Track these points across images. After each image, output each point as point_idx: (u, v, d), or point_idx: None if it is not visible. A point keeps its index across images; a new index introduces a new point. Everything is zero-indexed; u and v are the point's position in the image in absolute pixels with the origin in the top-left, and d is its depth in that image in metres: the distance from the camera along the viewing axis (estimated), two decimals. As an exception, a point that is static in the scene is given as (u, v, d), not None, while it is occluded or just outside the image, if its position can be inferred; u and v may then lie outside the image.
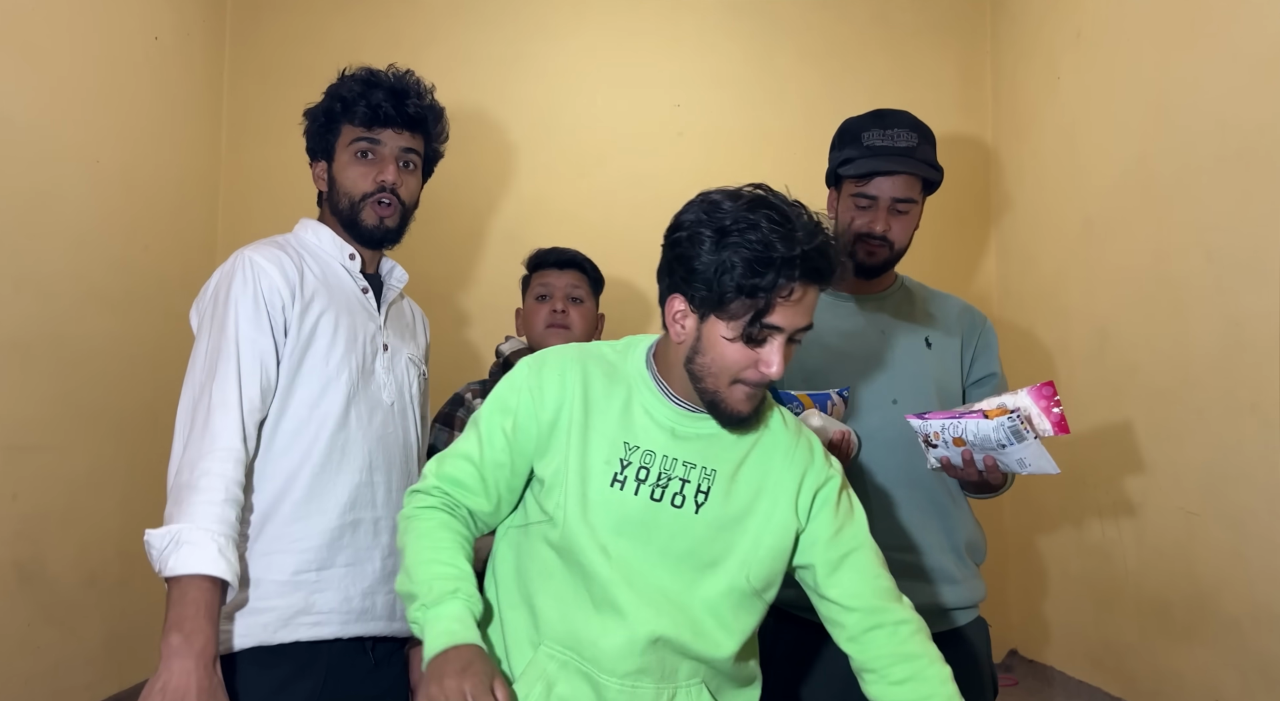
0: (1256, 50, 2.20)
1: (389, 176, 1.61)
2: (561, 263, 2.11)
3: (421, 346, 1.79)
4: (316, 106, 1.66)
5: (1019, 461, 1.52)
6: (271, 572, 1.44)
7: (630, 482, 1.23)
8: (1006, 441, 1.47)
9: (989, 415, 1.49)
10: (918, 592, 1.69)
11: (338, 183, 1.63)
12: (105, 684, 2.77)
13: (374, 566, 1.53)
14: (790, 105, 3.44)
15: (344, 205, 1.63)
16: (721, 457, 1.27)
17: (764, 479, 1.29)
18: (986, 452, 1.53)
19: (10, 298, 2.42)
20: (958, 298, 1.93)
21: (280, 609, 1.43)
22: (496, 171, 3.39)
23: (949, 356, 1.82)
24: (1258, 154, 2.19)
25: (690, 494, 1.24)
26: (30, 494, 2.48)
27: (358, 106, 1.59)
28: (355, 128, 1.61)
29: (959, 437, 1.53)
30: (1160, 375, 2.55)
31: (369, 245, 1.66)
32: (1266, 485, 2.16)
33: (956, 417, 1.54)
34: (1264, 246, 2.17)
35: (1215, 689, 2.34)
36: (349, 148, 1.61)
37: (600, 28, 3.47)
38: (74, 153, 2.68)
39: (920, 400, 1.75)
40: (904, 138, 1.75)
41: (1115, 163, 2.76)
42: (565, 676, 1.21)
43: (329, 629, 1.47)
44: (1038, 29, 3.23)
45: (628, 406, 1.27)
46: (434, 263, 3.45)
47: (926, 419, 1.59)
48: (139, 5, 2.97)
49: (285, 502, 1.46)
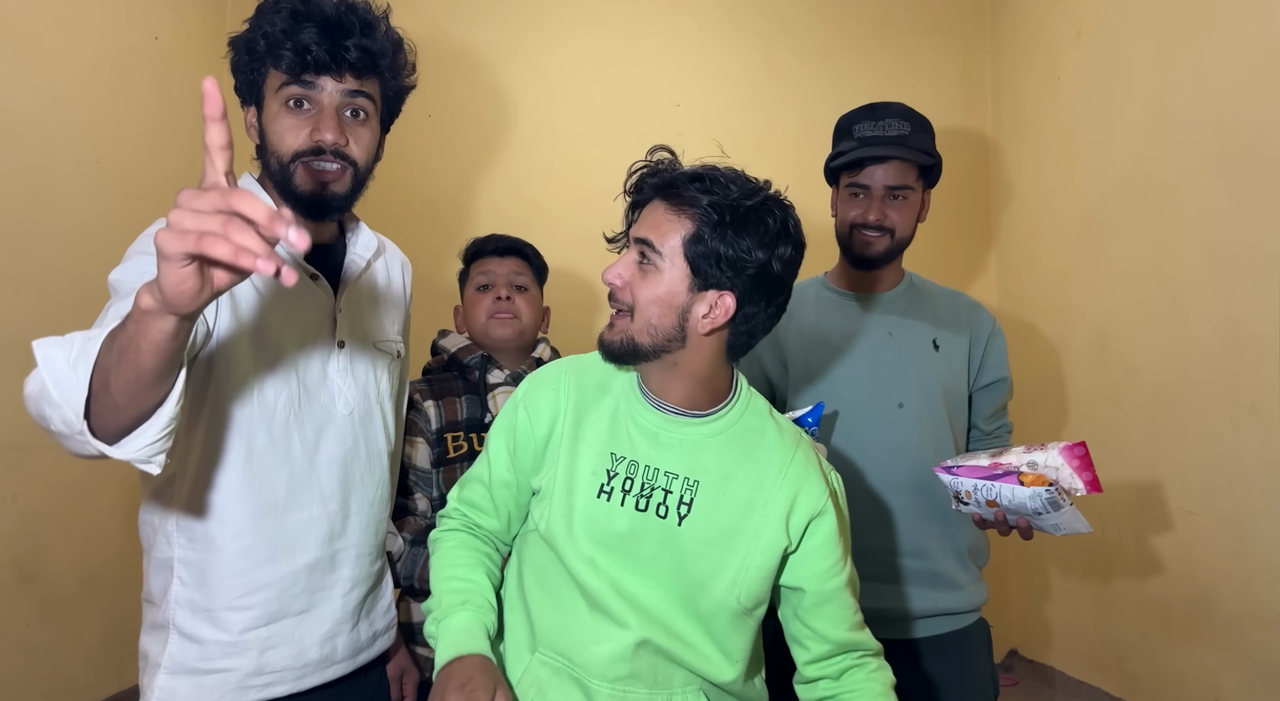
0: (1256, 50, 2.20)
1: (329, 135, 1.25)
2: (501, 250, 1.94)
3: (399, 320, 1.52)
4: (238, 36, 1.30)
5: (1054, 526, 1.50)
6: (216, 631, 1.25)
7: (617, 493, 1.20)
8: (1043, 510, 1.46)
9: (1024, 481, 1.46)
10: (920, 598, 1.69)
11: (266, 136, 1.28)
12: (105, 684, 2.77)
13: (332, 608, 1.33)
14: (790, 105, 3.44)
15: (274, 166, 1.28)
16: (706, 467, 1.21)
17: (754, 494, 1.21)
18: (1021, 516, 1.51)
19: (10, 298, 2.42)
20: (966, 295, 1.90)
21: (229, 672, 1.25)
22: (496, 171, 3.39)
23: (956, 359, 1.79)
24: (1258, 154, 2.19)
25: (673, 505, 1.19)
26: (30, 494, 2.48)
27: (283, 49, 1.23)
28: (281, 73, 1.25)
29: (992, 500, 1.52)
30: (1160, 375, 2.55)
31: (308, 215, 1.29)
32: (1266, 485, 2.16)
33: (990, 479, 1.50)
34: (1264, 246, 2.17)
35: (1215, 689, 2.34)
36: (278, 95, 1.26)
37: (600, 27, 3.47)
38: (74, 153, 2.68)
39: (926, 404, 1.73)
40: (895, 127, 1.74)
41: (1115, 163, 2.76)
42: (557, 682, 1.21)
43: (282, 688, 1.29)
44: (1038, 29, 3.23)
45: (615, 416, 1.24)
46: (433, 263, 3.45)
47: (957, 476, 1.55)
48: (139, 5, 2.97)
49: (224, 554, 1.25)
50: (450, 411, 1.83)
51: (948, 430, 1.75)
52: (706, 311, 1.16)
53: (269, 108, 1.28)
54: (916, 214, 1.78)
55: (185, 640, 1.25)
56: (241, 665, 1.26)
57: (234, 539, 1.26)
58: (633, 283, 1.18)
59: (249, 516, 1.26)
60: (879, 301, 1.82)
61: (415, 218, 3.31)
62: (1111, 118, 2.78)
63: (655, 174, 1.23)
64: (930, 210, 1.84)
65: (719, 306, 1.16)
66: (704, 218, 1.14)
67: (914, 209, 1.77)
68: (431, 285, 3.50)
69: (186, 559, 1.26)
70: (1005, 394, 1.84)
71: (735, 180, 1.18)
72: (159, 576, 1.29)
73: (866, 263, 1.78)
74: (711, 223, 1.14)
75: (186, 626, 1.26)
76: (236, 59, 1.31)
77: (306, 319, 1.32)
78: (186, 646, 1.25)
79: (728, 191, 1.15)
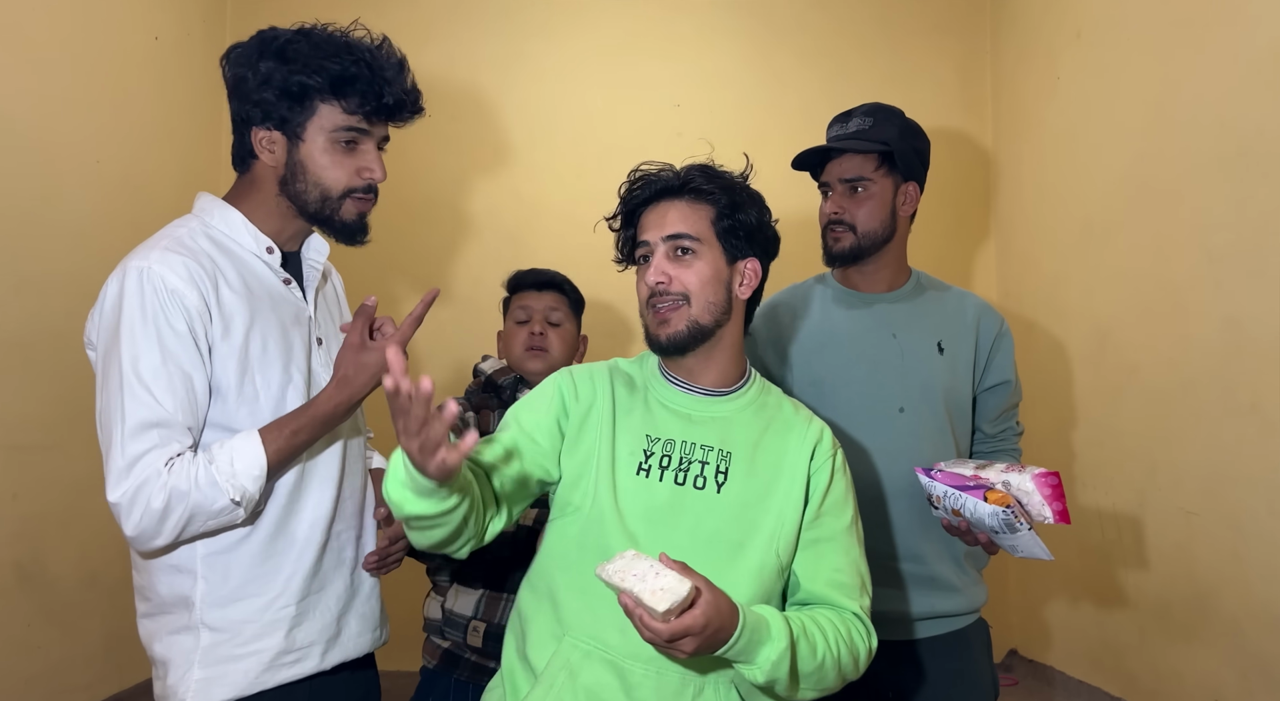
0: (1256, 50, 2.20)
1: (379, 174, 1.40)
2: (539, 284, 2.07)
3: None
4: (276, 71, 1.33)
5: (1011, 547, 1.54)
6: (246, 614, 1.33)
7: (655, 470, 1.29)
8: (1000, 530, 1.49)
9: (988, 498, 1.49)
10: (918, 602, 1.69)
11: (307, 170, 1.36)
12: (105, 684, 2.78)
13: (341, 586, 1.44)
14: (789, 105, 3.44)
15: (313, 197, 1.37)
16: (737, 439, 1.32)
17: (781, 458, 1.33)
18: (980, 529, 1.54)
19: (11, 298, 2.42)
20: (974, 295, 1.87)
21: (260, 653, 1.34)
22: (496, 172, 3.39)
23: (961, 362, 1.76)
24: (1258, 154, 2.19)
25: (710, 475, 1.29)
26: (30, 494, 2.48)
27: (352, 90, 1.33)
28: (345, 115, 1.35)
29: (957, 510, 1.54)
30: (1160, 375, 2.55)
31: (342, 240, 1.43)
32: (1266, 485, 2.17)
33: (960, 488, 1.52)
34: (1264, 246, 2.17)
35: (1215, 689, 2.34)
36: (331, 134, 1.35)
37: (600, 28, 3.48)
38: (74, 153, 2.68)
39: (928, 408, 1.72)
40: (857, 123, 1.74)
41: (1115, 163, 2.76)
42: (589, 665, 1.22)
43: (310, 663, 1.38)
44: (1038, 29, 3.23)
45: (647, 405, 1.35)
46: (434, 264, 3.45)
47: (934, 478, 1.58)
48: (139, 5, 2.97)
49: (251, 540, 1.34)
50: (484, 423, 1.96)
51: (949, 435, 1.73)
52: (741, 280, 1.36)
53: (313, 141, 1.36)
54: (885, 207, 1.73)
55: (217, 632, 1.33)
56: (272, 644, 1.34)
57: (260, 528, 1.35)
58: (679, 275, 1.32)
59: (274, 506, 1.35)
60: (884, 301, 1.79)
61: (415, 218, 3.31)
62: (1111, 118, 2.79)
63: (658, 179, 1.39)
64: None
65: (748, 271, 1.36)
66: (720, 201, 1.34)
67: (878, 201, 1.73)
68: (430, 285, 3.51)
69: (210, 555, 1.33)
70: (1009, 396, 1.82)
71: (720, 169, 1.39)
72: (176, 580, 1.34)
73: (836, 258, 1.77)
74: (727, 204, 1.34)
75: (216, 620, 1.33)
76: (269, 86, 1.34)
77: (292, 321, 1.42)
78: (219, 636, 1.32)
79: (724, 178, 1.37)
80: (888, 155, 1.72)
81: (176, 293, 1.27)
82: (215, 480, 1.24)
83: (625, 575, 1.08)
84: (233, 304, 1.33)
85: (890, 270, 1.80)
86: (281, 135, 1.36)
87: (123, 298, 1.28)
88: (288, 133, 1.36)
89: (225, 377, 1.32)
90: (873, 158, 1.72)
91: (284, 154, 1.37)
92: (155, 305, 1.26)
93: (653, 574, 1.08)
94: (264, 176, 1.39)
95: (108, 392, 1.27)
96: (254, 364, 1.34)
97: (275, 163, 1.38)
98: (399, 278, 3.30)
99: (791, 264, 3.08)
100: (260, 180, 1.40)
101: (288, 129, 1.36)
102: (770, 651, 1.13)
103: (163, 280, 1.27)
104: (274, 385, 1.36)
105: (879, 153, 1.71)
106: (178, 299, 1.27)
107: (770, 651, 1.13)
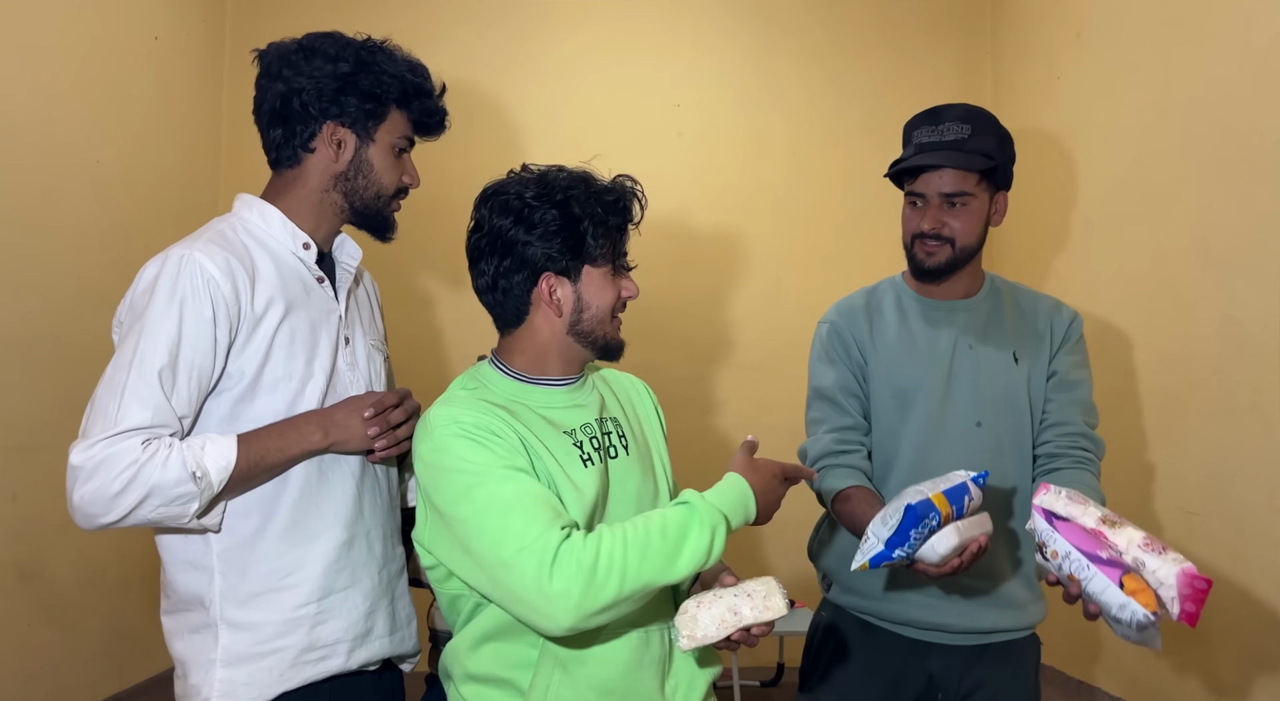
0: (1256, 50, 2.20)
1: (417, 181, 1.56)
2: None
3: (380, 330, 1.64)
4: (362, 72, 1.44)
5: (1124, 634, 1.33)
6: (267, 614, 1.33)
7: (593, 456, 1.30)
8: (1128, 624, 1.28)
9: (1126, 586, 1.28)
10: (982, 617, 1.65)
11: (373, 169, 1.47)
12: (105, 684, 2.78)
13: (371, 583, 1.43)
14: (789, 105, 3.44)
15: (369, 195, 1.48)
16: (609, 407, 1.39)
17: (635, 410, 1.44)
18: (1094, 603, 1.33)
19: (11, 298, 2.42)
20: (1048, 296, 1.79)
21: (283, 650, 1.34)
22: (498, 172, 3.38)
23: (1037, 371, 1.69)
24: (1258, 154, 2.19)
25: (618, 443, 1.35)
26: (30, 494, 2.48)
27: (415, 105, 1.49)
28: (406, 123, 1.50)
29: (1075, 578, 1.32)
30: (1160, 375, 2.55)
31: (378, 236, 1.55)
32: (1266, 485, 2.17)
33: (1089, 557, 1.32)
34: (1264, 246, 2.17)
35: (1215, 688, 2.34)
36: (394, 140, 1.49)
37: (600, 28, 3.48)
38: (74, 153, 2.68)
39: (1006, 422, 1.66)
40: (954, 131, 1.65)
41: (1115, 163, 2.76)
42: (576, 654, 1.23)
43: (335, 662, 1.37)
44: (1038, 29, 3.23)
45: (534, 413, 1.29)
46: (434, 264, 3.45)
47: (1055, 529, 1.36)
48: (139, 5, 2.97)
49: (267, 536, 1.35)
50: None
51: (1029, 449, 1.68)
52: None
53: (379, 143, 1.47)
54: (982, 220, 1.68)
55: (237, 630, 1.32)
56: (295, 642, 1.34)
57: (275, 523, 1.35)
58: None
59: (289, 500, 1.36)
60: (960, 309, 1.72)
61: (417, 219, 3.29)
62: (1111, 118, 2.79)
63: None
64: None
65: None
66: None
67: (976, 215, 1.66)
68: (431, 286, 3.51)
69: (227, 551, 1.33)
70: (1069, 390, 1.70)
71: None
72: (193, 577, 1.34)
73: (927, 274, 1.69)
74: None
75: (236, 617, 1.32)
76: (351, 85, 1.44)
77: (322, 318, 1.45)
78: (240, 635, 1.32)
79: None
80: (988, 169, 1.64)
81: (211, 280, 1.30)
82: (183, 458, 1.23)
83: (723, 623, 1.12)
84: (267, 298, 1.36)
85: (968, 277, 1.73)
86: (353, 133, 1.45)
87: (158, 279, 1.31)
88: (359, 132, 1.45)
89: (248, 367, 1.34)
90: (973, 172, 1.63)
91: (351, 152, 1.46)
92: (187, 288, 1.29)
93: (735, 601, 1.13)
94: (315, 171, 1.45)
95: (118, 364, 1.28)
96: (279, 355, 1.36)
97: (339, 159, 1.45)
98: (399, 278, 3.30)
99: (795, 262, 3.10)
100: (308, 174, 1.45)
101: (359, 128, 1.45)
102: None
103: (200, 267, 1.30)
104: (295, 378, 1.38)
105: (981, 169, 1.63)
106: (212, 286, 1.30)
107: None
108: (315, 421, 1.36)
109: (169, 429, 1.27)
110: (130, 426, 1.23)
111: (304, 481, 1.37)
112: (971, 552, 1.42)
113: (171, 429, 1.27)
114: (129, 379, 1.26)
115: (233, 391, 1.34)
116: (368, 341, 1.54)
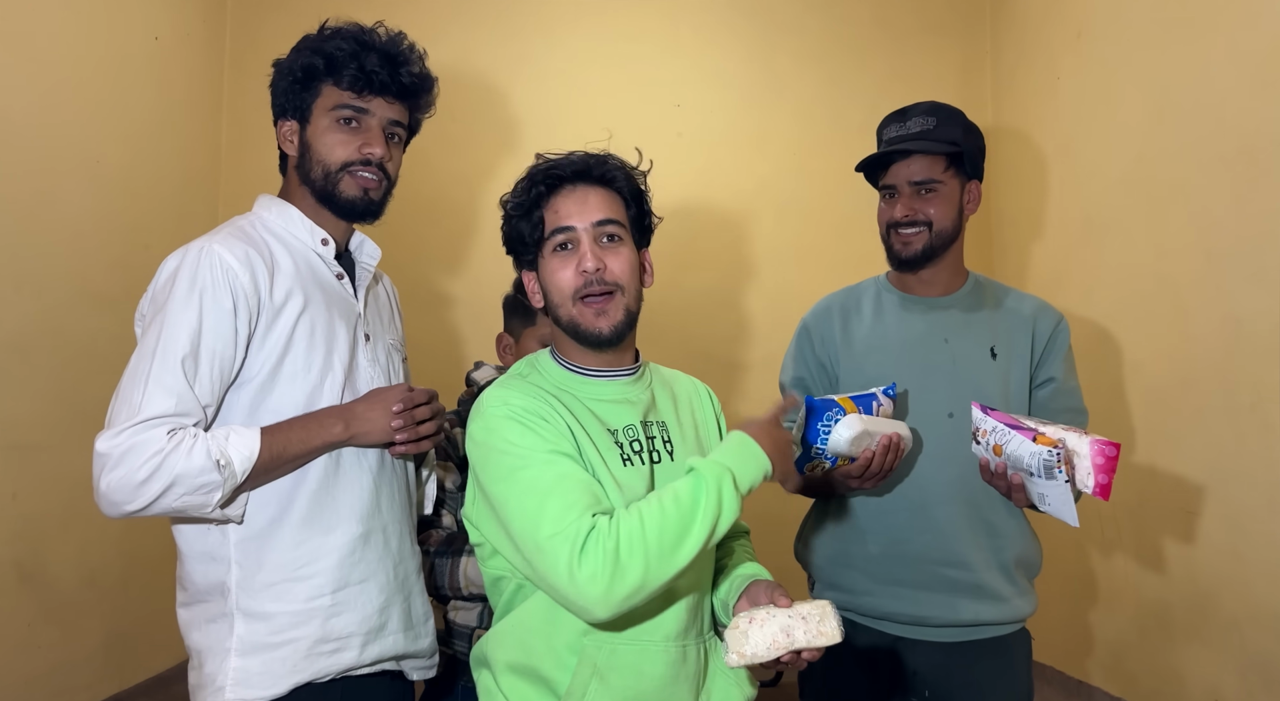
0: (1256, 50, 2.20)
1: (377, 150, 1.44)
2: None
3: (399, 331, 1.66)
4: (290, 60, 1.46)
5: (1039, 496, 1.47)
6: (282, 604, 1.35)
7: (633, 458, 1.30)
8: (1036, 472, 1.43)
9: (1038, 439, 1.43)
10: (962, 609, 1.66)
11: (312, 149, 1.45)
12: (105, 684, 2.77)
13: (386, 578, 1.44)
14: (790, 105, 3.44)
15: (318, 174, 1.44)
16: (662, 409, 1.38)
17: (692, 415, 1.43)
18: (1016, 472, 1.48)
19: (10, 297, 2.42)
20: (1035, 297, 1.83)
21: (297, 641, 1.34)
22: (497, 172, 3.39)
23: (1016, 368, 1.73)
24: (1258, 154, 2.19)
25: (661, 448, 1.34)
26: (30, 494, 2.48)
27: (346, 68, 1.41)
28: (341, 92, 1.43)
29: (999, 446, 1.48)
30: (1160, 375, 2.55)
31: (347, 218, 1.49)
32: (1266, 485, 2.17)
33: (1011, 426, 1.48)
34: (1264, 246, 2.17)
35: (1215, 689, 2.34)
36: (331, 112, 1.44)
37: (601, 28, 3.48)
38: (74, 153, 2.68)
39: None
40: (919, 123, 1.71)
41: (1115, 163, 2.76)
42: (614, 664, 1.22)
43: (349, 655, 1.38)
44: (1038, 29, 3.23)
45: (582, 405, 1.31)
46: (435, 265, 3.45)
47: (987, 414, 1.54)
48: (139, 5, 2.97)
49: (284, 527, 1.36)
50: None
51: None
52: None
53: (317, 122, 1.45)
54: (955, 206, 1.73)
55: (252, 619, 1.34)
56: (309, 633, 1.35)
57: (292, 514, 1.37)
58: (614, 264, 1.36)
59: (306, 491, 1.37)
60: (938, 306, 1.77)
61: (418, 219, 3.31)
62: (1111, 118, 2.79)
63: (569, 163, 1.52)
64: None
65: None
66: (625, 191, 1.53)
67: (949, 201, 1.72)
68: (434, 286, 3.50)
69: (244, 541, 1.35)
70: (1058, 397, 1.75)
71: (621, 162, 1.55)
72: (210, 568, 1.36)
73: (906, 263, 1.73)
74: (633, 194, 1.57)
75: (251, 607, 1.34)
76: (283, 77, 1.46)
77: (341, 314, 1.46)
78: (255, 625, 1.34)
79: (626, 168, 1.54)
80: (955, 156, 1.70)
81: (231, 271, 1.32)
82: (207, 447, 1.25)
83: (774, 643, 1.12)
84: (286, 290, 1.38)
85: (948, 273, 1.77)
86: (295, 122, 1.47)
87: (179, 271, 1.33)
88: (300, 118, 1.46)
89: (267, 360, 1.35)
90: (941, 159, 1.69)
91: (298, 139, 1.47)
92: (207, 280, 1.31)
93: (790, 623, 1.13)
94: (290, 171, 1.49)
95: (141, 354, 1.30)
96: (299, 346, 1.38)
97: (294, 151, 1.47)
98: (398, 278, 3.30)
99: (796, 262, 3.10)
100: (290, 176, 1.49)
101: (300, 115, 1.46)
102: None
103: (219, 258, 1.32)
104: (314, 370, 1.39)
105: (947, 154, 1.69)
106: (231, 277, 1.32)
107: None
108: (337, 414, 1.37)
109: (192, 417, 1.28)
110: (155, 413, 1.25)
111: (322, 474, 1.39)
112: (884, 447, 1.52)
113: (195, 417, 1.28)
114: (152, 367, 1.27)
115: (253, 383, 1.36)
116: (386, 340, 1.56)
